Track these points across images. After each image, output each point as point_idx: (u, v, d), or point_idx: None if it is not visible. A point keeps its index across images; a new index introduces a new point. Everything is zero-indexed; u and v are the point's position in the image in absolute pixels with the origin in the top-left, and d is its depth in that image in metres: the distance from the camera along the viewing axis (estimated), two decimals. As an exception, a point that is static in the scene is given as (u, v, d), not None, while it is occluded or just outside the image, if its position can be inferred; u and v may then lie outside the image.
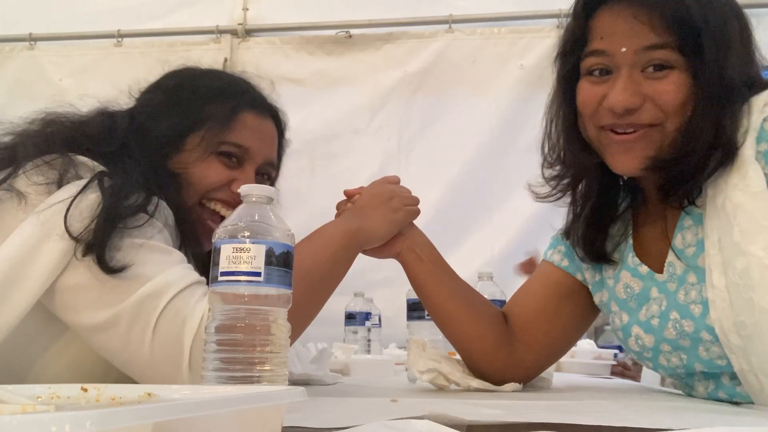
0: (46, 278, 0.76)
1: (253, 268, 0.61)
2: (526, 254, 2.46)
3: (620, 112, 0.90)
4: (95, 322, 0.77)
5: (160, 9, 3.09)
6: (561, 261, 1.12)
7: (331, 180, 2.89)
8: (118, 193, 0.80)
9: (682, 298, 0.92)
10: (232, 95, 1.05)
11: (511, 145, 2.83)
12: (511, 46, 2.90)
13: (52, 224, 0.77)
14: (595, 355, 1.80)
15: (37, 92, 2.96)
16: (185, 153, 0.99)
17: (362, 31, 2.99)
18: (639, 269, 0.99)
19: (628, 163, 0.93)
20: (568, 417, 0.65)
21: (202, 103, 1.02)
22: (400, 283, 1.32)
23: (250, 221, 0.63)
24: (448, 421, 0.56)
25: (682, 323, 0.91)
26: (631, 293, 0.99)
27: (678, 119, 0.89)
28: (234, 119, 1.02)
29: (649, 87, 0.89)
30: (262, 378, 0.61)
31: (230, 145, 1.02)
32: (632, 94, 0.89)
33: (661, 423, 0.60)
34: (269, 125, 1.10)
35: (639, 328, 0.97)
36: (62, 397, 0.49)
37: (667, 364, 0.96)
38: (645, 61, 0.89)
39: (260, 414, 0.45)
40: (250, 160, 1.04)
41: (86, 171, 0.85)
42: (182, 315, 0.75)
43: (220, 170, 1.00)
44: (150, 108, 1.03)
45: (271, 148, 1.10)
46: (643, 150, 0.91)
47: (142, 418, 0.32)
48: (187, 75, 1.09)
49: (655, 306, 0.95)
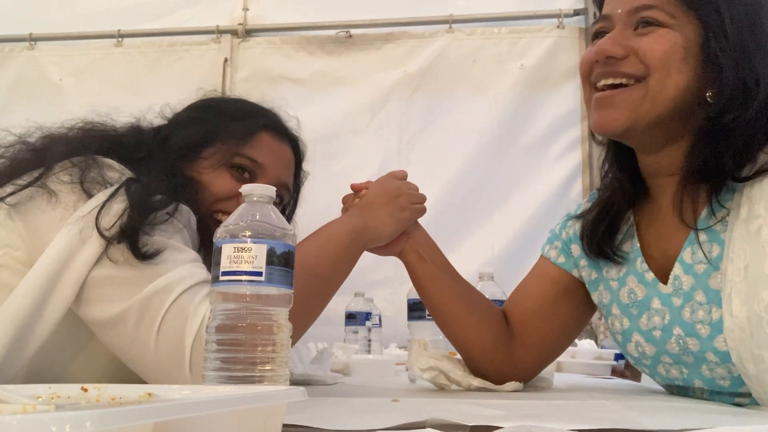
0: (78, 281, 0.78)
1: (255, 268, 0.61)
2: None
3: (601, 59, 0.90)
4: (105, 317, 0.78)
5: (160, 9, 3.10)
6: (557, 257, 1.10)
7: (331, 180, 2.89)
8: (143, 193, 0.83)
9: (688, 315, 0.88)
10: (253, 116, 1.10)
11: (511, 145, 2.84)
12: (511, 46, 2.90)
13: (87, 231, 0.79)
14: (596, 355, 1.80)
15: (37, 92, 2.96)
16: (200, 161, 1.02)
17: (362, 31, 2.99)
18: (646, 276, 0.96)
19: (604, 119, 0.91)
20: (571, 417, 0.65)
21: (223, 120, 1.07)
22: (400, 283, 1.32)
23: (252, 221, 0.63)
24: (450, 427, 0.56)
25: (686, 340, 0.88)
26: (633, 299, 0.97)
27: (663, 76, 0.87)
28: (252, 136, 1.06)
29: (636, 41, 0.89)
30: (263, 378, 0.60)
31: (244, 158, 1.04)
32: (614, 44, 0.90)
33: (662, 423, 0.60)
34: (286, 149, 1.13)
35: (640, 335, 0.95)
36: (62, 397, 0.48)
37: (665, 374, 0.95)
38: (635, 19, 0.90)
39: (260, 414, 0.45)
40: (262, 176, 1.06)
41: (111, 171, 0.87)
42: (185, 315, 0.76)
43: (229, 181, 1.02)
44: (176, 122, 1.08)
45: (286, 170, 1.13)
46: (621, 107, 0.89)
47: (142, 418, 0.31)
48: (215, 98, 1.15)
49: (657, 318, 0.93)
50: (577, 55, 2.86)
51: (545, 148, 2.85)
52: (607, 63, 0.90)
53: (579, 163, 2.83)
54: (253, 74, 2.97)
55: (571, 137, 2.85)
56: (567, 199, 2.82)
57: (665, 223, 0.96)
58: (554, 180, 2.82)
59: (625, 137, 0.93)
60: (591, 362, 1.73)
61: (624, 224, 1.02)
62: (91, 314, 0.79)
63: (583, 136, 2.83)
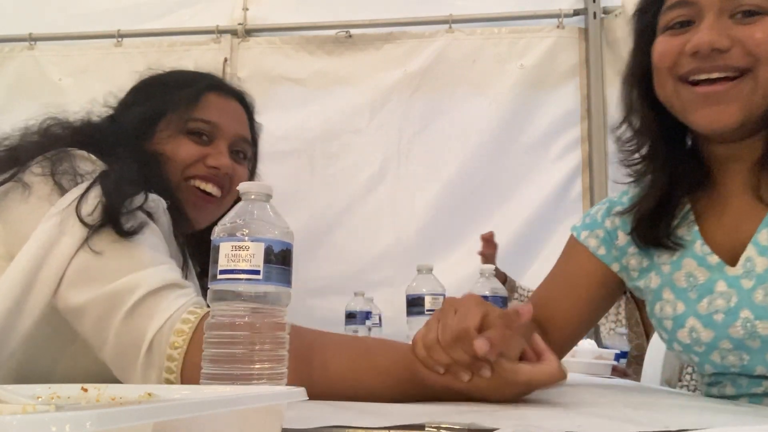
0: (58, 274, 0.78)
1: (252, 266, 0.61)
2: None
3: (706, 51, 0.82)
4: (74, 303, 0.78)
5: (159, 9, 3.10)
6: (597, 248, 1.07)
7: (331, 180, 2.90)
8: (117, 182, 0.85)
9: (760, 298, 0.85)
10: (195, 81, 1.11)
11: (511, 145, 2.84)
12: (511, 46, 2.90)
13: (66, 222, 0.80)
14: (596, 355, 1.80)
15: (37, 92, 2.96)
16: (158, 134, 1.04)
17: (362, 31, 2.99)
18: (708, 259, 0.92)
19: (719, 115, 0.84)
20: (571, 417, 0.65)
21: (168, 91, 1.08)
22: (400, 283, 1.32)
23: (249, 219, 0.63)
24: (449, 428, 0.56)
25: (755, 324, 0.85)
26: (693, 283, 0.93)
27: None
28: (199, 99, 1.08)
29: (739, 31, 0.83)
30: (262, 376, 0.61)
31: (197, 121, 1.06)
32: (719, 34, 0.82)
33: (659, 422, 0.60)
34: (235, 104, 1.14)
35: (696, 320, 0.91)
36: (62, 397, 0.48)
37: (720, 361, 0.91)
38: (733, 6, 0.83)
39: (260, 414, 0.45)
40: (220, 136, 1.08)
41: (85, 162, 0.88)
42: (149, 313, 0.76)
43: (191, 146, 1.05)
44: (125, 106, 1.10)
45: (241, 125, 1.14)
46: (733, 100, 0.83)
47: (142, 418, 0.32)
48: (154, 75, 1.15)
49: (721, 301, 0.89)
50: (577, 55, 2.87)
51: (545, 148, 2.85)
52: (710, 56, 0.83)
53: (579, 163, 2.83)
54: (253, 74, 2.97)
55: (571, 137, 2.85)
56: (567, 199, 2.82)
57: (734, 207, 0.93)
58: (554, 180, 2.82)
59: (735, 131, 0.88)
60: (591, 362, 1.73)
61: (679, 211, 0.98)
62: (63, 298, 0.79)
63: (582, 136, 2.83)
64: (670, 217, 0.98)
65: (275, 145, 2.88)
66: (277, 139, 2.88)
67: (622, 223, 1.05)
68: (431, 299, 1.25)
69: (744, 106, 0.84)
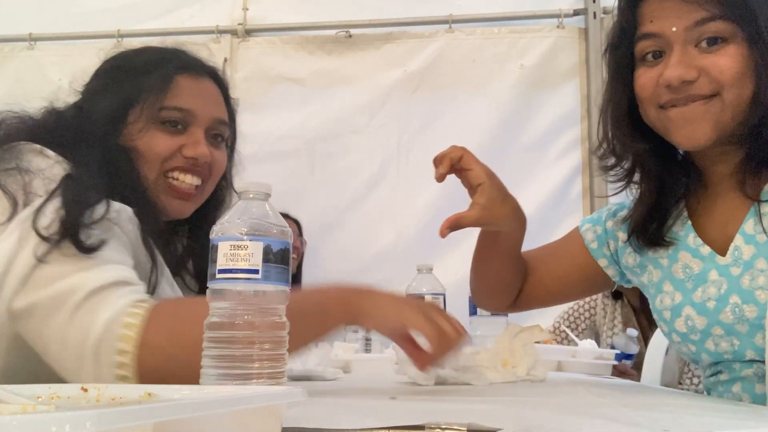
0: (19, 286, 0.76)
1: (251, 266, 0.61)
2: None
3: (676, 84, 0.90)
4: (18, 307, 0.76)
5: (159, 8, 3.10)
6: (591, 242, 1.15)
7: (331, 179, 2.90)
8: (78, 190, 0.81)
9: (747, 283, 0.91)
10: (163, 63, 1.04)
11: (511, 145, 2.84)
12: (511, 46, 2.90)
13: (25, 236, 0.77)
14: (596, 355, 1.80)
15: (36, 92, 2.95)
16: (129, 127, 0.98)
17: (362, 31, 2.99)
18: (701, 250, 0.99)
19: (693, 134, 0.92)
20: (570, 417, 0.65)
21: (135, 77, 1.01)
22: (400, 283, 1.32)
23: (248, 218, 0.63)
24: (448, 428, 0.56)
25: (743, 308, 0.91)
26: (689, 273, 0.99)
27: (737, 90, 0.90)
28: (169, 84, 1.01)
29: (704, 60, 0.90)
30: (261, 375, 0.61)
31: (170, 110, 1.00)
32: (686, 67, 0.90)
33: (658, 422, 0.60)
34: (208, 84, 1.07)
35: (691, 308, 0.97)
36: (62, 397, 0.49)
37: (714, 348, 0.95)
38: (696, 36, 0.90)
39: (260, 414, 0.45)
40: (195, 123, 1.02)
41: (38, 158, 0.84)
42: (94, 308, 0.74)
43: (166, 139, 0.99)
44: (91, 93, 1.04)
45: (216, 106, 1.07)
46: (705, 120, 0.91)
47: (142, 418, 0.32)
48: (121, 56, 1.09)
49: (713, 289, 0.95)
50: (577, 55, 2.87)
51: (545, 148, 2.84)
52: (681, 88, 0.91)
53: (579, 163, 2.83)
54: (253, 74, 2.97)
55: (571, 137, 2.85)
56: (567, 199, 2.82)
57: (723, 204, 0.99)
58: (554, 180, 2.82)
59: (712, 146, 0.95)
60: (592, 362, 1.73)
61: (675, 211, 1.05)
62: (9, 304, 0.77)
63: (582, 137, 2.83)
64: (665, 219, 1.04)
65: (275, 145, 2.89)
66: (277, 139, 2.89)
67: (623, 226, 1.11)
68: (431, 299, 1.26)
69: (715, 125, 0.91)
